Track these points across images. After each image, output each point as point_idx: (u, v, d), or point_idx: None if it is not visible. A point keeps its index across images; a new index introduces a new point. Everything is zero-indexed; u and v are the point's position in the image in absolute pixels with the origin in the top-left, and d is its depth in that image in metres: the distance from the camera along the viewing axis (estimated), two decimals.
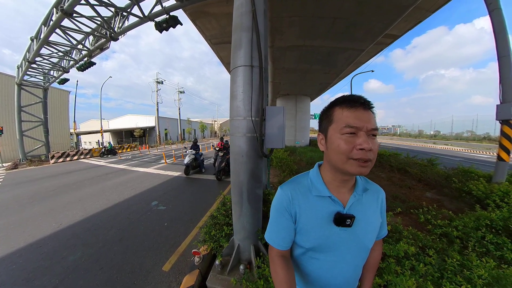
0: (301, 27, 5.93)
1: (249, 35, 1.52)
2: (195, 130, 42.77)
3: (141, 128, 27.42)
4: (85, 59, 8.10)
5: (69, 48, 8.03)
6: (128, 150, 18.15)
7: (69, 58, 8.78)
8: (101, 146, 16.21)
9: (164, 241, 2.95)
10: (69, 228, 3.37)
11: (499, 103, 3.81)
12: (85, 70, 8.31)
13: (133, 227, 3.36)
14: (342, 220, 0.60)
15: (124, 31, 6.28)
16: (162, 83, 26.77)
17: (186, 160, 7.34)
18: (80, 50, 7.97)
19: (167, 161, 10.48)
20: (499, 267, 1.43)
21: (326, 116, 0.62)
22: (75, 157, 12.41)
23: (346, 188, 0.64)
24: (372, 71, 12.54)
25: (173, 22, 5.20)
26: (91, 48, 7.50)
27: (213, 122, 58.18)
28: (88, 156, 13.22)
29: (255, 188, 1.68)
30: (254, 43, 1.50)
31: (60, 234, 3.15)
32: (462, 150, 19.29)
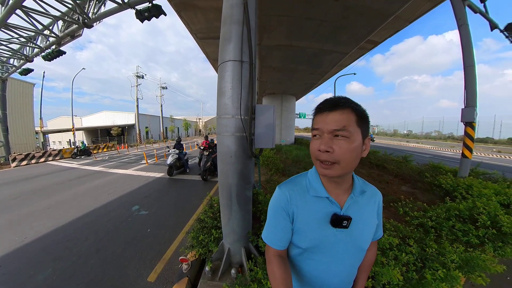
0: (289, 27, 5.98)
1: (240, 29, 1.46)
2: (178, 128, 41.14)
3: (119, 126, 25.60)
4: (53, 47, 7.12)
5: (33, 34, 7.00)
6: (105, 150, 16.83)
7: (33, 45, 7.66)
8: (73, 146, 14.78)
9: (147, 249, 2.77)
10: (36, 241, 2.97)
11: (463, 107, 4.21)
12: (52, 59, 7.34)
13: (112, 236, 3.11)
14: (339, 221, 0.61)
15: (100, 17, 5.71)
16: (143, 77, 25.23)
17: (169, 160, 7.00)
18: (46, 37, 6.99)
19: (148, 161, 9.92)
20: (466, 251, 1.59)
21: (312, 120, 0.66)
22: (42, 159, 10.99)
23: (342, 189, 0.65)
24: (354, 73, 13.18)
25: (156, 11, 4.83)
26: (60, 35, 6.62)
27: (198, 120, 56.68)
28: (57, 158, 11.85)
29: (245, 189, 1.63)
30: (245, 37, 1.45)
31: (26, 250, 2.76)
32: (431, 148, 21.42)
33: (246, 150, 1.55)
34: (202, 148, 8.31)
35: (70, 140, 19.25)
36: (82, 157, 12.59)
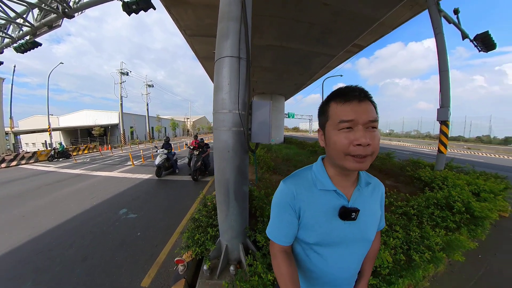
0: (280, 28, 6.09)
1: (237, 26, 1.49)
2: (165, 128, 39.82)
3: (101, 126, 24.21)
4: (27, 37, 6.35)
5: (3, 22, 6.25)
6: (86, 151, 15.68)
7: (4, 35, 6.87)
8: (49, 148, 13.65)
9: (139, 253, 2.66)
10: (12, 253, 2.68)
11: (439, 107, 4.63)
12: (26, 51, 6.54)
13: (99, 242, 2.93)
14: (347, 214, 0.60)
15: (82, 7, 5.25)
16: (127, 74, 23.88)
17: (158, 160, 6.74)
18: (19, 26, 6.26)
19: (134, 162, 9.48)
20: (447, 235, 1.76)
21: (323, 112, 0.61)
22: (14, 163, 9.99)
23: (349, 182, 0.64)
24: (341, 75, 13.68)
25: (145, 4, 4.56)
26: (35, 25, 5.94)
27: (186, 120, 55.32)
28: (31, 161, 10.79)
29: (242, 185, 1.66)
30: (242, 35, 1.48)
31: None
32: (411, 145, 23.09)
33: (243, 145, 1.58)
34: (191, 148, 8.15)
35: (46, 141, 17.81)
36: (60, 159, 11.59)
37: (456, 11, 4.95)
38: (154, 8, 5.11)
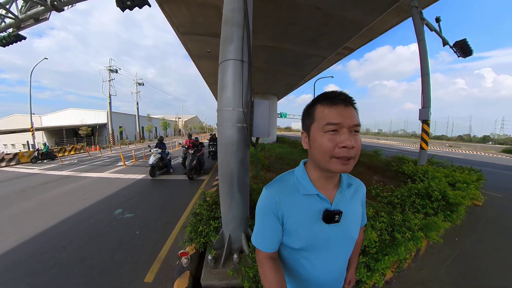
0: (274, 29, 6.27)
1: (240, 32, 1.63)
2: (156, 128, 38.92)
3: (88, 126, 23.29)
4: (10, 30, 5.87)
5: None
6: (72, 153, 14.86)
7: None
8: (32, 149, 12.82)
9: (139, 251, 2.66)
10: (2, 257, 2.54)
11: (421, 107, 5.05)
12: (8, 45, 6.06)
13: (96, 242, 2.88)
14: (331, 217, 0.60)
15: (73, 0, 5.01)
16: (116, 71, 23.04)
17: (151, 160, 6.65)
18: (1, 17, 5.77)
19: (126, 163, 9.25)
20: (425, 218, 2.03)
21: (308, 114, 0.61)
22: None
23: (331, 184, 0.65)
24: (332, 77, 14.13)
25: (140, 1, 4.44)
26: (20, 16, 5.48)
27: (177, 119, 54.37)
28: (13, 163, 10.02)
29: (244, 176, 1.80)
30: (245, 40, 1.62)
31: None
32: (398, 144, 24.32)
33: (246, 140, 1.73)
34: (186, 147, 8.12)
35: (28, 142, 16.85)
36: (45, 161, 10.89)
37: (437, 20, 5.37)
38: (149, 5, 5.01)
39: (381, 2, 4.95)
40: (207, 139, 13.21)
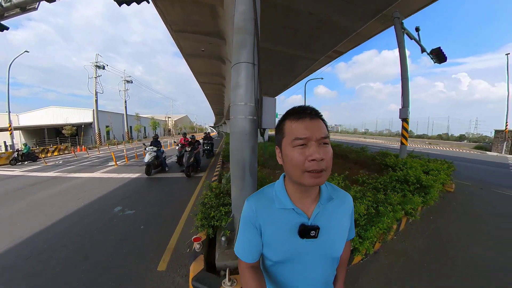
0: (268, 31, 6.60)
1: (252, 39, 1.93)
2: (145, 127, 37.80)
3: (73, 125, 22.22)
4: None
5: None
6: (56, 153, 13.72)
7: None
8: (11, 150, 11.92)
9: (147, 244, 2.68)
10: None
11: (401, 107, 5.70)
12: None
13: (99, 239, 2.82)
14: (306, 232, 0.60)
15: None
16: (103, 68, 22.06)
17: (147, 158, 6.55)
18: None
19: (117, 163, 9.00)
20: (403, 197, 2.47)
21: (279, 129, 0.62)
22: None
23: (309, 199, 0.64)
24: (322, 78, 14.76)
25: None
26: (4, 5, 4.95)
27: (167, 119, 53.21)
28: None
29: (254, 162, 2.09)
30: (255, 46, 1.91)
31: None
32: (383, 142, 26.26)
33: (256, 130, 2.03)
34: (180, 145, 8.17)
35: (5, 142, 15.77)
36: (26, 163, 10.20)
37: (417, 29, 6.00)
38: (148, 2, 4.89)
39: (367, 12, 5.46)
40: (201, 138, 13.25)
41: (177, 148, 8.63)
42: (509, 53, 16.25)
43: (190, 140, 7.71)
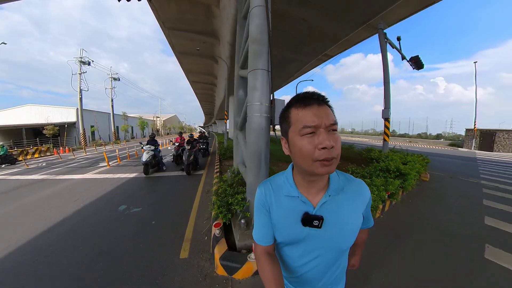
0: None
1: (266, 49, 2.34)
2: (132, 127, 36.37)
3: (55, 125, 20.95)
4: None
5: None
6: (36, 155, 12.61)
7: None
8: None
9: (163, 237, 2.72)
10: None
11: (383, 108, 6.48)
12: None
13: (110, 237, 2.74)
14: (309, 220, 0.60)
15: None
16: (89, 64, 20.81)
17: (145, 157, 6.36)
18: None
19: (109, 163, 8.59)
20: (385, 180, 3.09)
21: (284, 119, 0.61)
22: None
23: (316, 188, 0.63)
24: (312, 80, 15.46)
25: None
26: None
27: (155, 119, 51.72)
28: None
29: (267, 153, 2.49)
30: (269, 55, 2.32)
31: None
32: (368, 140, 28.54)
33: (269, 126, 2.43)
34: (177, 144, 8.16)
35: None
36: (3, 166, 9.31)
37: (398, 38, 6.77)
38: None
39: (354, 21, 6.08)
40: (196, 137, 13.29)
41: (173, 147, 8.53)
42: (476, 62, 18.34)
43: (189, 138, 7.80)
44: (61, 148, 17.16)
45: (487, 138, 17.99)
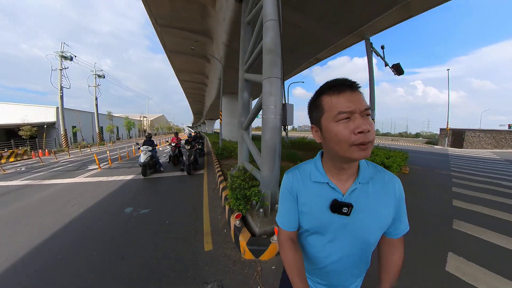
0: None
1: (279, 59, 2.74)
2: (117, 128, 34.58)
3: (33, 125, 19.50)
4: None
5: None
6: (12, 159, 11.23)
7: None
8: None
9: (181, 233, 2.75)
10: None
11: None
12: None
13: (125, 240, 2.61)
14: (338, 207, 0.60)
15: None
16: (71, 59, 19.41)
17: (143, 158, 6.17)
18: None
19: (100, 166, 8.07)
20: None
21: (315, 106, 0.61)
22: None
23: (345, 175, 0.63)
24: (303, 82, 16.12)
25: None
26: None
27: (142, 119, 49.84)
28: None
29: (280, 148, 2.87)
30: (282, 65, 2.72)
31: None
32: None
33: (281, 126, 2.83)
34: (173, 145, 8.05)
35: None
36: None
37: (382, 47, 7.55)
38: None
39: (344, 29, 6.68)
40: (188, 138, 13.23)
41: (169, 147, 8.40)
42: (449, 69, 20.37)
43: (188, 139, 7.88)
44: (40, 150, 16.06)
45: (457, 137, 20.22)
